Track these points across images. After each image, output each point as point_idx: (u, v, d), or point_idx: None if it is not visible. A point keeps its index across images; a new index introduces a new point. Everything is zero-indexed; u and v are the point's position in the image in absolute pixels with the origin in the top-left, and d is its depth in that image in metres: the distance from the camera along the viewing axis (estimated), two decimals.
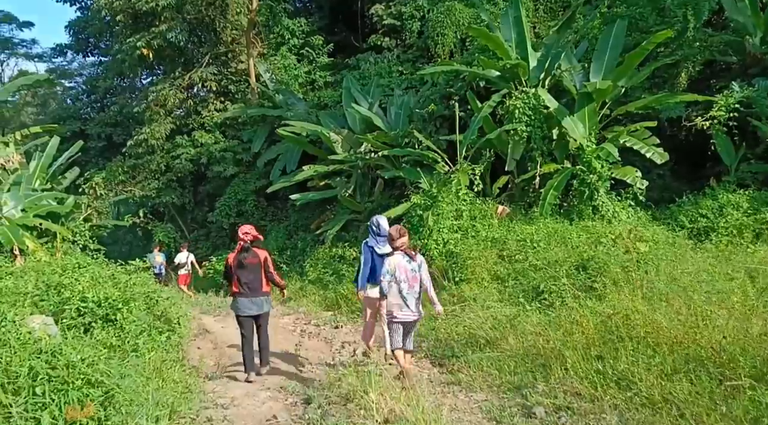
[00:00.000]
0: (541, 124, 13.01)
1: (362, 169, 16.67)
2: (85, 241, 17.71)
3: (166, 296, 7.73)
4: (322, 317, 11.73)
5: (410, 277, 5.91)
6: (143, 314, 6.54)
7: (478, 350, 6.68)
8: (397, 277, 5.84)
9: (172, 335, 6.80)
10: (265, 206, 22.01)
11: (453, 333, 7.57)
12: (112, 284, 7.12)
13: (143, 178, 23.42)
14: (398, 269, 5.85)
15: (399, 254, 5.95)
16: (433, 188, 12.84)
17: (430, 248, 12.10)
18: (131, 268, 9.22)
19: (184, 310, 8.74)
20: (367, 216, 16.25)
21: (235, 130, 22.65)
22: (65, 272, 7.28)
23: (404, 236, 5.98)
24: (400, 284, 5.85)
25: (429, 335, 7.94)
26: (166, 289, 11.26)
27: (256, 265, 7.03)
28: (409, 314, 5.93)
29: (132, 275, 7.77)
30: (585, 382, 5.00)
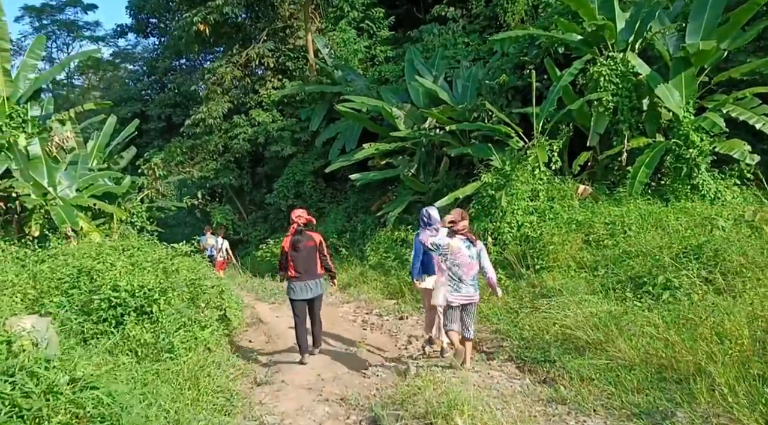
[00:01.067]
0: (629, 93, 11.56)
1: (426, 146, 15.54)
2: (143, 222, 17.38)
3: (212, 284, 6.85)
4: (385, 306, 10.78)
5: (467, 262, 5.81)
6: (184, 306, 5.70)
7: (576, 354, 5.53)
8: (453, 261, 5.75)
9: (219, 328, 5.95)
10: (323, 188, 21.23)
11: (541, 331, 6.43)
12: (153, 270, 6.31)
13: (201, 159, 23.07)
14: (456, 254, 5.75)
15: (459, 238, 5.83)
16: (507, 165, 11.62)
17: (502, 231, 10.97)
18: (180, 251, 8.49)
19: (234, 299, 7.92)
20: (432, 197, 15.20)
21: (292, 108, 21.91)
22: (99, 256, 6.51)
23: (465, 219, 5.88)
24: (454, 268, 5.76)
25: (512, 332, 6.82)
26: (217, 274, 10.51)
27: (311, 248, 6.96)
28: (462, 298, 5.83)
29: (175, 260, 6.94)
30: (752, 414, 3.72)
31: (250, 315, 9.47)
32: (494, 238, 11.20)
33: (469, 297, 5.90)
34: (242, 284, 14.48)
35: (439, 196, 14.82)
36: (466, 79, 15.41)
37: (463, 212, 5.92)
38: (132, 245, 11.77)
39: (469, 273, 5.84)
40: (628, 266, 8.14)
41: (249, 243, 22.54)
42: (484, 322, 8.21)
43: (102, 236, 13.34)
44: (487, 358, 6.43)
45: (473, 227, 11.43)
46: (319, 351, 7.14)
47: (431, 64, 16.86)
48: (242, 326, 8.46)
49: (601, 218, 9.94)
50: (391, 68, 19.35)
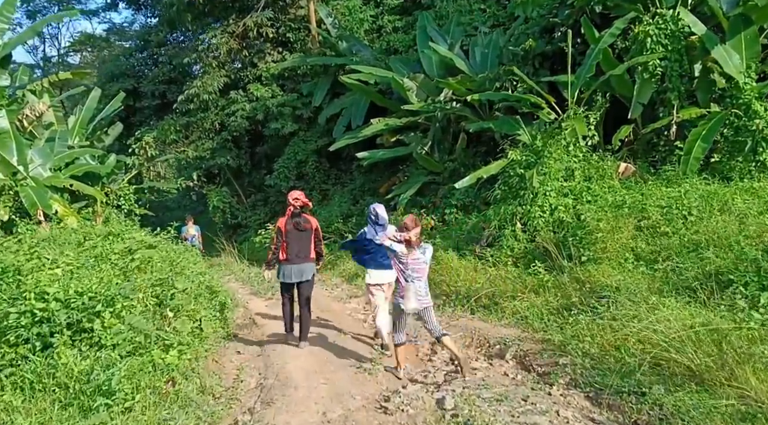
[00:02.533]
0: (680, 56, 10.02)
1: (441, 121, 14.02)
2: (130, 205, 16.01)
3: (184, 287, 5.37)
4: None
5: (421, 268, 5.71)
6: (141, 319, 4.26)
7: (673, 385, 4.09)
8: (407, 265, 5.64)
9: (193, 344, 4.53)
10: (327, 168, 19.76)
11: (612, 347, 5.00)
12: (113, 267, 4.88)
13: (197, 137, 21.60)
14: (411, 260, 5.64)
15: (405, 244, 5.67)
16: (537, 140, 10.13)
17: (533, 216, 9.54)
18: (156, 239, 7.09)
19: (221, 299, 6.51)
20: (449, 177, 13.73)
21: (293, 83, 20.36)
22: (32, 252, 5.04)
23: (419, 226, 5.80)
24: (408, 272, 5.65)
25: (569, 345, 5.36)
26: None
27: (308, 232, 6.87)
28: (415, 304, 5.65)
29: (147, 251, 5.51)
30: None
31: (243, 316, 8.07)
32: (523, 223, 9.77)
33: (422, 301, 5.72)
34: (237, 275, 13.06)
35: (456, 176, 13.39)
36: (485, 46, 13.88)
37: (417, 219, 5.87)
38: (110, 231, 10.41)
39: (423, 278, 5.75)
40: (697, 259, 6.70)
41: (248, 228, 21.13)
42: (523, 326, 6.79)
43: (80, 220, 11.94)
44: (542, 380, 4.99)
45: (500, 211, 10.00)
46: (306, 346, 6.63)
47: (445, 32, 15.30)
48: (231, 329, 7.05)
49: (654, 200, 8.47)
50: (400, 38, 17.77)
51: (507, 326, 6.94)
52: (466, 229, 10.88)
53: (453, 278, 9.38)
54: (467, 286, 8.80)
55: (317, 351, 6.30)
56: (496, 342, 6.29)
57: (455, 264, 9.75)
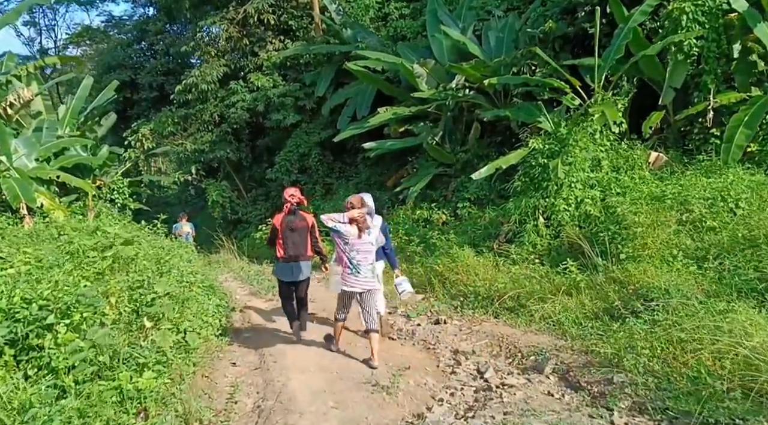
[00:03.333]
0: (717, 36, 9.19)
1: (453, 110, 13.19)
2: (124, 199, 15.25)
3: (165, 290, 4.53)
4: (412, 303, 8.56)
5: (367, 249, 5.65)
6: (106, 333, 3.43)
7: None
8: (352, 246, 5.58)
9: (175, 361, 3.72)
10: (331, 161, 18.92)
11: (675, 361, 4.18)
12: (88, 267, 4.08)
13: (195, 130, 20.75)
14: (354, 239, 5.57)
15: (354, 226, 5.61)
16: (562, 128, 9.30)
17: (557, 209, 8.75)
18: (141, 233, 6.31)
19: (214, 302, 5.71)
20: (461, 169, 12.91)
21: (296, 72, 19.51)
22: None
23: (365, 206, 5.77)
24: (353, 253, 5.59)
25: (625, 360, 4.52)
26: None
27: (303, 229, 6.69)
28: (360, 284, 5.63)
29: (109, 252, 4.71)
30: None
31: (240, 319, 7.27)
32: (546, 217, 8.97)
33: (368, 284, 5.66)
34: (236, 273, 12.27)
35: (469, 168, 12.58)
36: (500, 30, 13.06)
37: (362, 199, 5.81)
38: (98, 226, 9.65)
39: (368, 258, 5.67)
40: (754, 257, 5.90)
41: (248, 224, 20.32)
42: (557, 332, 5.99)
43: (67, 214, 11.15)
44: (597, 403, 4.15)
45: (520, 204, 9.19)
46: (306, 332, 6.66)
47: (457, 17, 14.46)
48: (226, 336, 6.25)
49: (695, 192, 7.65)
50: (408, 24, 16.92)
51: (538, 332, 6.14)
52: (483, 224, 10.06)
53: (470, 277, 8.58)
54: (487, 286, 8.00)
55: (326, 363, 5.50)
56: (530, 351, 5.48)
57: (472, 262, 8.95)
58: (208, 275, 9.33)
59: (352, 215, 5.54)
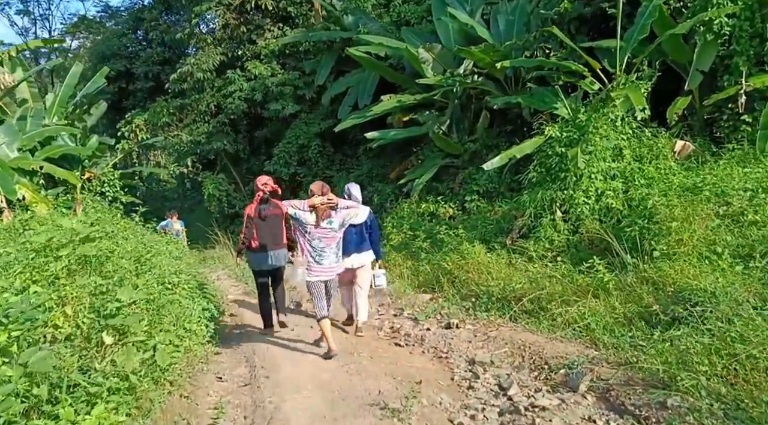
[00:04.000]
0: (751, 14, 8.48)
1: (460, 97, 12.49)
2: (115, 192, 14.57)
3: (130, 299, 3.79)
4: (419, 304, 7.91)
5: (330, 235, 5.48)
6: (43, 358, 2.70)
7: None
8: (313, 233, 5.42)
9: (139, 388, 3.03)
10: (331, 153, 18.23)
11: (745, 382, 3.50)
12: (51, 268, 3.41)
13: (191, 121, 20.06)
14: (316, 227, 5.42)
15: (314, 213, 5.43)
16: (581, 114, 8.61)
17: (576, 202, 8.07)
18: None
19: (201, 306, 5.05)
20: (469, 160, 12.21)
21: (295, 60, 18.80)
22: None
23: (327, 194, 5.49)
24: (315, 241, 5.45)
25: (679, 376, 3.82)
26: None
27: (277, 217, 6.64)
28: (325, 271, 5.51)
29: (64, 251, 4.02)
30: None
31: (231, 323, 6.61)
32: (564, 211, 8.29)
33: (332, 270, 5.62)
34: (231, 269, 11.60)
35: (478, 158, 11.89)
36: (511, 13, 12.33)
37: (324, 186, 5.65)
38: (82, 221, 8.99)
39: (332, 244, 5.58)
40: None
41: None
42: (586, 340, 5.31)
43: (51, 208, 10.47)
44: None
45: (536, 196, 8.50)
46: (284, 317, 6.78)
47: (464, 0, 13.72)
48: (212, 347, 5.57)
49: (733, 183, 6.96)
50: (412, 9, 16.21)
51: (565, 340, 5.46)
52: (495, 218, 9.38)
53: (482, 276, 7.91)
54: (502, 286, 7.33)
55: (325, 378, 4.83)
56: (558, 363, 4.81)
57: (483, 259, 8.28)
58: (199, 273, 8.67)
59: (312, 202, 5.41)
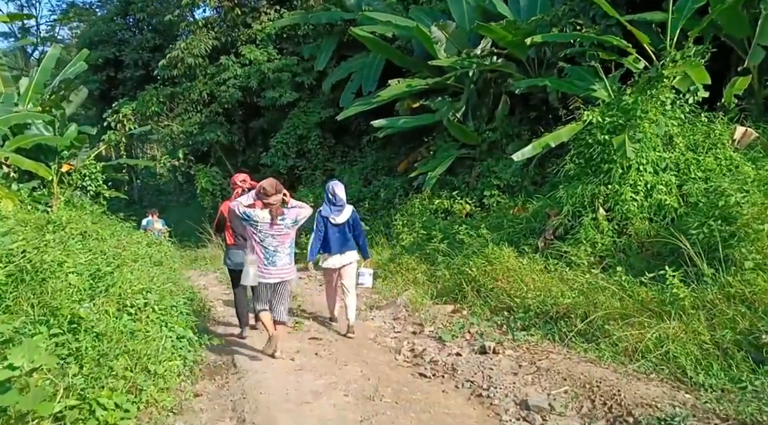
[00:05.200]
0: None
1: (477, 81, 11.27)
2: (98, 186, 13.34)
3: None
4: (440, 317, 6.73)
5: (283, 232, 5.29)
6: None
7: None
8: (266, 232, 5.22)
9: None
10: (332, 144, 17.01)
11: None
12: None
13: (183, 110, 18.86)
14: (268, 225, 5.21)
15: (266, 210, 5.20)
16: (627, 96, 7.41)
17: (623, 198, 6.91)
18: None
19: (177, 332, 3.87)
20: (486, 152, 11.02)
21: (293, 44, 17.57)
22: None
23: (280, 193, 5.21)
24: (268, 240, 5.25)
25: None
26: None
27: None
28: (276, 272, 5.28)
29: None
30: None
31: (218, 352, 5.41)
32: (608, 209, 7.12)
33: (284, 272, 5.35)
34: (224, 272, 10.38)
35: (496, 149, 10.74)
36: None
37: (278, 185, 5.24)
38: (49, 219, 7.82)
39: (286, 242, 5.36)
40: None
41: None
42: (673, 379, 4.13)
43: (16, 203, 9.25)
44: None
45: (574, 191, 7.31)
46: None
47: None
48: (195, 378, 4.39)
49: None
50: None
51: (642, 376, 4.27)
52: (525, 216, 8.18)
53: (515, 285, 6.74)
54: (541, 298, 6.17)
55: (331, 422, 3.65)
56: (647, 416, 3.61)
57: (513, 264, 7.11)
58: (183, 281, 7.48)
59: (268, 200, 5.11)
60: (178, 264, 9.73)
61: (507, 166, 10.22)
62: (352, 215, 6.55)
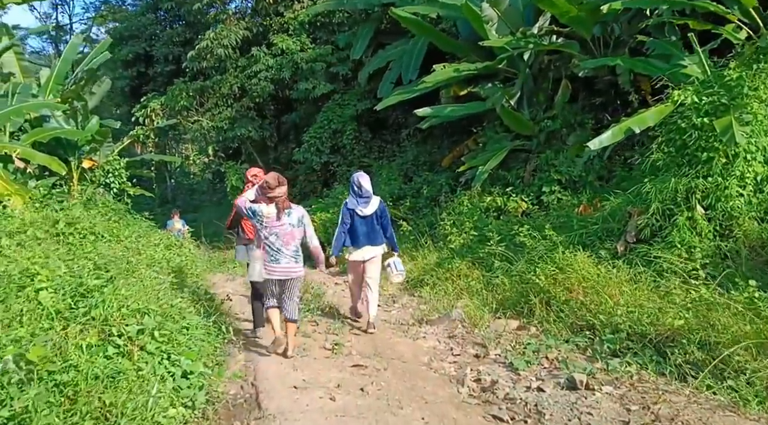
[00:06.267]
0: None
1: (533, 65, 10.08)
2: (122, 183, 12.58)
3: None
4: (508, 337, 5.61)
5: (287, 231, 5.13)
6: None
7: None
8: (270, 229, 5.08)
9: None
10: (369, 139, 15.94)
11: None
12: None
13: (213, 105, 18.05)
14: (273, 222, 5.07)
15: (272, 205, 5.08)
16: (731, 70, 6.17)
17: (728, 194, 5.70)
18: None
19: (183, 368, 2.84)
20: (544, 143, 9.81)
21: (328, 33, 16.56)
22: None
23: (283, 185, 5.11)
24: (272, 238, 5.09)
25: None
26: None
27: None
28: (281, 271, 5.13)
29: None
30: None
31: (243, 377, 4.39)
32: (706, 206, 5.91)
33: (289, 270, 5.18)
34: None
35: (555, 139, 9.58)
36: None
37: (280, 177, 5.12)
38: (56, 219, 6.99)
39: (290, 243, 5.17)
40: None
41: None
42: None
43: (26, 200, 8.43)
44: None
45: (665, 186, 6.10)
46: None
47: None
48: None
49: None
50: None
51: None
52: (601, 214, 6.97)
53: (596, 298, 5.59)
54: (634, 316, 5.01)
55: None
56: None
57: (591, 272, 5.94)
58: (203, 289, 6.50)
59: (272, 193, 4.98)
60: (201, 268, 8.80)
61: (569, 158, 9.05)
62: (380, 206, 6.24)
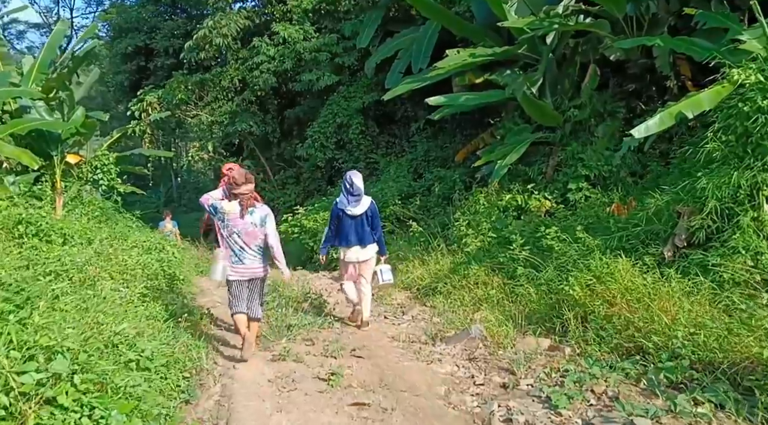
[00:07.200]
0: None
1: (556, 49, 9.13)
2: (111, 180, 11.72)
3: None
4: (537, 357, 4.70)
5: (249, 230, 5.02)
6: None
7: None
8: (232, 228, 5.00)
9: None
10: (376, 134, 15.06)
11: None
12: None
13: (212, 98, 17.26)
14: (235, 220, 4.99)
15: (235, 202, 5.02)
16: None
17: None
18: None
19: None
20: (570, 134, 8.88)
21: (333, 21, 15.69)
22: None
23: (250, 183, 5.06)
24: (234, 236, 5.02)
25: None
26: None
27: None
28: (245, 271, 5.09)
29: None
30: None
31: None
32: None
33: (254, 270, 5.13)
34: None
35: (582, 130, 8.66)
36: None
37: (248, 174, 5.08)
38: (21, 218, 6.14)
39: (252, 242, 5.06)
40: None
41: (276, 212, 16.64)
42: None
43: (6, 200, 7.58)
44: None
45: (722, 180, 5.15)
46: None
47: None
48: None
49: None
50: None
51: None
52: (644, 215, 6.01)
53: (644, 315, 4.66)
54: (700, 339, 4.08)
55: None
56: None
57: (635, 282, 5.01)
58: (178, 302, 5.63)
59: (239, 190, 4.90)
60: (188, 272, 7.93)
61: (598, 152, 8.11)
62: (371, 206, 6.15)
